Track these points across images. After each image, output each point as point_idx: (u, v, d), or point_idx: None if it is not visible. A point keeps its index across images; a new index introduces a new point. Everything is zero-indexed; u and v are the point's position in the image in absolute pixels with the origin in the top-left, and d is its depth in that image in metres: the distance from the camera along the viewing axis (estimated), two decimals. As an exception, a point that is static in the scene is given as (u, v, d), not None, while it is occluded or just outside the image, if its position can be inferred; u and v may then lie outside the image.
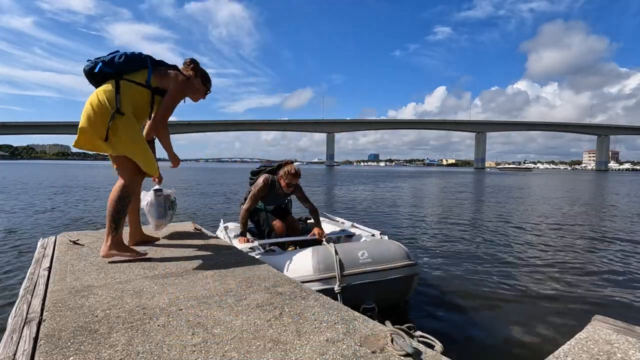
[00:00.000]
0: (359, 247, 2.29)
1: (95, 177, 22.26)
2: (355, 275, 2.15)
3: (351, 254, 2.22)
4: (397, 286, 2.29)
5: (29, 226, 5.99)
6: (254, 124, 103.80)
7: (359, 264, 2.18)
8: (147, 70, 2.05)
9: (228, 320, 1.29)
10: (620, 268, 3.97)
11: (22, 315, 1.33)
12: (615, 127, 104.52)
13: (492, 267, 3.95)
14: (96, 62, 1.99)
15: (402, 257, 2.30)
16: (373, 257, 2.23)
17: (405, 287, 2.35)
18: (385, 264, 2.23)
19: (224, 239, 3.17)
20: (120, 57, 2.00)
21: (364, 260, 2.20)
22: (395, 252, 2.32)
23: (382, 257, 2.26)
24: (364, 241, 2.58)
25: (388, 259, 2.26)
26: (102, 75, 2.00)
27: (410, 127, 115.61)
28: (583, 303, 2.94)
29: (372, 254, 2.24)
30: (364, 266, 2.18)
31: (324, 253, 2.21)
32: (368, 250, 2.25)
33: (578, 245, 5.19)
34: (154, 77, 2.06)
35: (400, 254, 2.31)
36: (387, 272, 2.22)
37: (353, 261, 2.18)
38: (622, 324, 1.28)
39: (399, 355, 1.06)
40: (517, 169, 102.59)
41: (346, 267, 2.14)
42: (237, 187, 15.92)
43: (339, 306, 1.44)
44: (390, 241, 2.45)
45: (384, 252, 2.30)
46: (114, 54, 2.03)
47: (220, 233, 3.52)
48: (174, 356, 1.05)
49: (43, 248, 2.38)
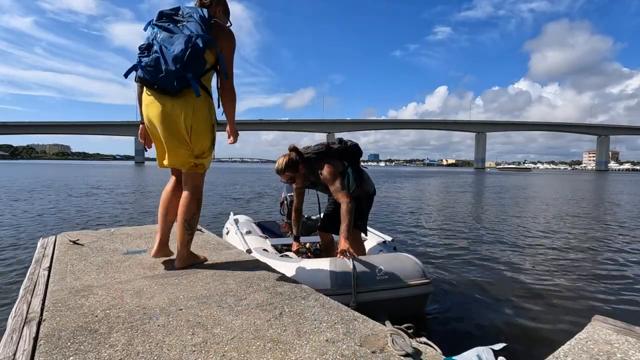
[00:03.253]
0: (376, 262, 2.24)
1: (95, 177, 22.27)
2: (371, 293, 2.12)
3: (368, 270, 2.17)
4: (411, 304, 2.27)
5: (29, 226, 5.99)
6: (255, 124, 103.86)
7: (375, 280, 2.14)
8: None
9: (228, 320, 1.29)
10: (620, 268, 3.97)
11: (22, 315, 1.33)
12: (616, 127, 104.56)
13: (491, 266, 3.95)
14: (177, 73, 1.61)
15: (418, 275, 2.26)
16: (390, 274, 2.19)
17: (419, 305, 2.34)
18: (401, 282, 2.20)
19: (234, 233, 3.14)
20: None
21: (380, 277, 2.16)
22: (412, 269, 2.29)
23: (398, 274, 2.22)
24: (381, 254, 2.52)
25: (404, 277, 2.22)
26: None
27: (410, 127, 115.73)
28: (583, 303, 2.94)
29: (389, 271, 2.20)
30: (380, 283, 2.15)
31: (341, 267, 2.15)
32: (385, 267, 2.21)
33: (578, 245, 5.19)
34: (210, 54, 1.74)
35: (416, 272, 2.28)
36: (402, 290, 2.19)
37: (370, 278, 2.14)
38: (622, 324, 1.28)
39: (399, 355, 1.06)
40: (516, 169, 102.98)
41: (362, 284, 2.10)
42: (237, 188, 15.92)
43: (339, 306, 1.44)
44: (407, 257, 2.41)
45: (401, 269, 2.25)
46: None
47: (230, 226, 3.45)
48: (174, 356, 1.05)
49: (43, 248, 2.37)
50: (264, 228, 3.76)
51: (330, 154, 2.53)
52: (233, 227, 3.30)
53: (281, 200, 3.84)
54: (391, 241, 3.00)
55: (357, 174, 2.58)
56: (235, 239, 3.04)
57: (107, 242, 2.49)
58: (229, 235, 3.42)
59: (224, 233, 3.66)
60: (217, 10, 1.89)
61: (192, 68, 1.64)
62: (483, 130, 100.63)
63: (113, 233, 2.80)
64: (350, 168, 2.57)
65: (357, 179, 2.56)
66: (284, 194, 3.74)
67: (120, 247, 2.36)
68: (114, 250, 2.28)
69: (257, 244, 2.82)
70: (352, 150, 2.61)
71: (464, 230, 6.31)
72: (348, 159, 2.61)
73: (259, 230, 3.49)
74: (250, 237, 3.02)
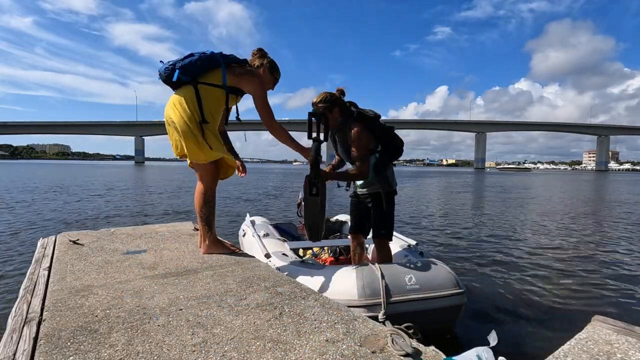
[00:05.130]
0: (406, 270, 2.10)
1: (96, 178, 22.26)
2: (401, 303, 1.96)
3: (398, 279, 2.03)
4: (444, 316, 2.11)
5: (29, 226, 5.99)
6: (255, 124, 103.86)
7: (405, 290, 2.00)
8: (220, 70, 2.02)
9: (228, 320, 1.29)
10: (620, 268, 3.97)
11: (22, 315, 1.33)
12: (616, 127, 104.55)
13: (490, 266, 3.94)
14: (172, 68, 1.96)
15: (451, 285, 2.10)
16: (421, 283, 2.04)
17: (452, 317, 2.16)
18: (433, 292, 2.04)
19: (251, 236, 3.05)
20: (196, 61, 1.96)
21: (411, 287, 2.01)
22: (444, 278, 2.12)
23: (430, 283, 2.06)
24: (409, 261, 2.35)
25: (436, 286, 2.06)
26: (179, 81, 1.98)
27: (410, 127, 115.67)
28: (583, 303, 2.94)
29: (420, 280, 2.05)
30: (411, 293, 2.00)
31: (369, 275, 2.01)
32: (415, 275, 2.06)
33: (578, 245, 5.19)
34: (229, 77, 2.03)
35: (449, 281, 2.12)
36: (435, 301, 2.03)
37: (400, 287, 2.00)
38: (622, 324, 1.28)
39: (399, 355, 1.06)
40: (516, 169, 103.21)
41: (392, 294, 1.96)
42: (246, 188, 15.93)
43: (339, 306, 1.44)
44: (438, 264, 2.23)
45: (433, 278, 2.10)
46: (189, 57, 1.98)
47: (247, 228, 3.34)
48: (174, 356, 1.05)
49: (43, 248, 2.37)
50: (280, 230, 3.61)
51: (371, 126, 2.29)
52: (250, 229, 3.20)
53: (298, 201, 3.61)
54: (416, 245, 2.79)
55: (382, 164, 2.32)
56: (253, 241, 2.94)
57: (107, 242, 2.49)
58: (245, 237, 3.31)
59: (240, 235, 3.56)
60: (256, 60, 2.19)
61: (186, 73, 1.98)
62: (483, 130, 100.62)
63: (113, 233, 2.80)
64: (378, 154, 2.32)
65: (378, 170, 2.31)
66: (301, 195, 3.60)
67: (120, 247, 2.36)
68: (114, 250, 2.27)
69: (276, 247, 2.71)
70: (391, 139, 2.37)
71: (461, 226, 6.31)
72: (384, 144, 2.36)
73: (276, 233, 3.36)
74: (268, 240, 2.90)
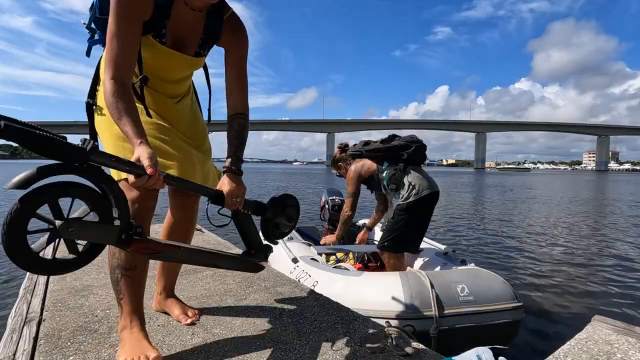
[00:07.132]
0: (455, 279, 1.88)
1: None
2: (455, 317, 1.73)
3: (448, 288, 1.80)
4: (501, 333, 1.82)
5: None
6: (255, 124, 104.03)
7: (458, 302, 1.77)
8: None
9: (228, 320, 1.29)
10: (620, 268, 3.97)
11: (22, 314, 1.33)
12: (616, 127, 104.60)
13: (490, 266, 3.94)
14: None
15: (509, 297, 1.86)
16: (474, 294, 1.80)
17: (509, 334, 1.87)
18: (489, 305, 1.80)
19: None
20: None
21: (464, 298, 1.78)
22: (500, 289, 1.89)
23: (484, 295, 1.83)
24: (457, 270, 2.11)
25: (492, 299, 1.82)
26: None
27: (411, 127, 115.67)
28: (583, 303, 2.94)
29: (473, 290, 1.82)
30: (464, 305, 1.76)
31: (416, 283, 1.79)
32: (467, 285, 1.83)
33: (577, 245, 5.19)
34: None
35: (506, 293, 1.88)
36: (492, 315, 1.78)
37: (451, 298, 1.76)
38: (622, 324, 1.28)
39: (399, 355, 1.06)
40: (516, 169, 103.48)
41: (445, 306, 1.73)
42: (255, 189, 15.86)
43: (339, 306, 1.44)
44: (491, 274, 2.00)
45: (487, 288, 1.87)
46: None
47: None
48: (174, 356, 1.05)
49: (43, 248, 2.37)
50: (303, 234, 3.41)
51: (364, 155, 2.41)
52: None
53: (321, 204, 3.45)
54: (453, 252, 2.49)
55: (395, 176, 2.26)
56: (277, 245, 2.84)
57: (107, 242, 2.48)
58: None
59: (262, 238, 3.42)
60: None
61: None
62: (483, 131, 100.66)
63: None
64: (386, 171, 2.30)
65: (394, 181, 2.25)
66: (324, 198, 3.36)
67: (120, 247, 2.35)
68: (114, 250, 2.27)
69: (303, 251, 2.53)
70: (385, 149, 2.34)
71: (459, 226, 6.31)
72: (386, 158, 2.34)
73: (300, 237, 3.16)
74: (293, 244, 2.71)
